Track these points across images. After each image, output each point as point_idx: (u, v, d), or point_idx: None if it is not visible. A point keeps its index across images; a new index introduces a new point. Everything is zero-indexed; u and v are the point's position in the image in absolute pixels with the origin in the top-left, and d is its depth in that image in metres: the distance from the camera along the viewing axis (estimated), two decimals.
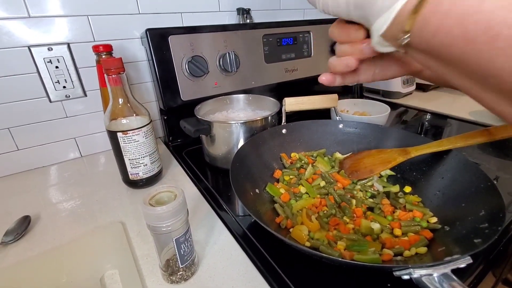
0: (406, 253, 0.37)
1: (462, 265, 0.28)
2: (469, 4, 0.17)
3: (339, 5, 0.23)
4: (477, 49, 0.17)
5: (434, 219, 0.43)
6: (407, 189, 0.51)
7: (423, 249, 0.37)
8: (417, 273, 0.28)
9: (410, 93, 1.11)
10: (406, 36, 0.20)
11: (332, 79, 0.31)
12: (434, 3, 0.18)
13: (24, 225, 0.47)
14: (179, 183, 0.60)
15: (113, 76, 0.49)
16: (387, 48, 0.23)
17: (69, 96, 0.66)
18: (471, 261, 0.28)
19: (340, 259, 0.32)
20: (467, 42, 0.17)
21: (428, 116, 0.93)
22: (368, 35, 0.25)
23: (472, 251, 0.29)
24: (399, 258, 0.37)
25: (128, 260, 0.39)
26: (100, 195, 0.56)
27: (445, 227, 0.40)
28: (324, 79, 0.32)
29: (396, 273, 0.29)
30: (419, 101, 1.06)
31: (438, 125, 0.87)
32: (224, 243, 0.43)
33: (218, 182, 0.61)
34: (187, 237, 0.34)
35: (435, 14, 0.18)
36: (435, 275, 0.28)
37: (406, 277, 0.28)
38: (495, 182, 0.39)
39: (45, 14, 0.60)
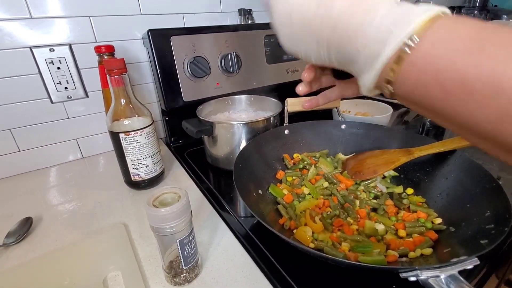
0: (411, 254, 0.37)
1: (469, 267, 0.28)
2: (442, 63, 0.17)
3: (322, 60, 0.25)
4: (456, 102, 0.17)
5: (439, 220, 0.42)
6: (409, 191, 0.50)
7: (428, 250, 0.37)
8: (424, 274, 0.27)
9: None
10: (390, 87, 0.21)
11: (311, 104, 0.39)
12: (409, 62, 0.19)
13: (25, 226, 0.47)
14: (181, 184, 0.59)
15: (116, 76, 0.48)
16: (374, 92, 0.24)
17: (71, 97, 0.66)
18: (478, 262, 0.28)
19: (345, 260, 0.32)
20: (446, 95, 0.18)
21: None
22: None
23: (480, 252, 0.29)
24: (404, 259, 0.37)
25: (131, 262, 0.39)
26: (102, 197, 0.56)
27: (450, 228, 0.40)
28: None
29: (403, 275, 0.29)
30: None
31: (439, 125, 0.87)
32: (227, 245, 0.43)
33: (220, 183, 0.61)
34: (190, 239, 0.34)
35: (412, 71, 0.19)
36: (442, 276, 0.27)
37: (412, 278, 0.28)
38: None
39: (47, 15, 0.60)
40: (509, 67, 0.15)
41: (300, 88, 0.34)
